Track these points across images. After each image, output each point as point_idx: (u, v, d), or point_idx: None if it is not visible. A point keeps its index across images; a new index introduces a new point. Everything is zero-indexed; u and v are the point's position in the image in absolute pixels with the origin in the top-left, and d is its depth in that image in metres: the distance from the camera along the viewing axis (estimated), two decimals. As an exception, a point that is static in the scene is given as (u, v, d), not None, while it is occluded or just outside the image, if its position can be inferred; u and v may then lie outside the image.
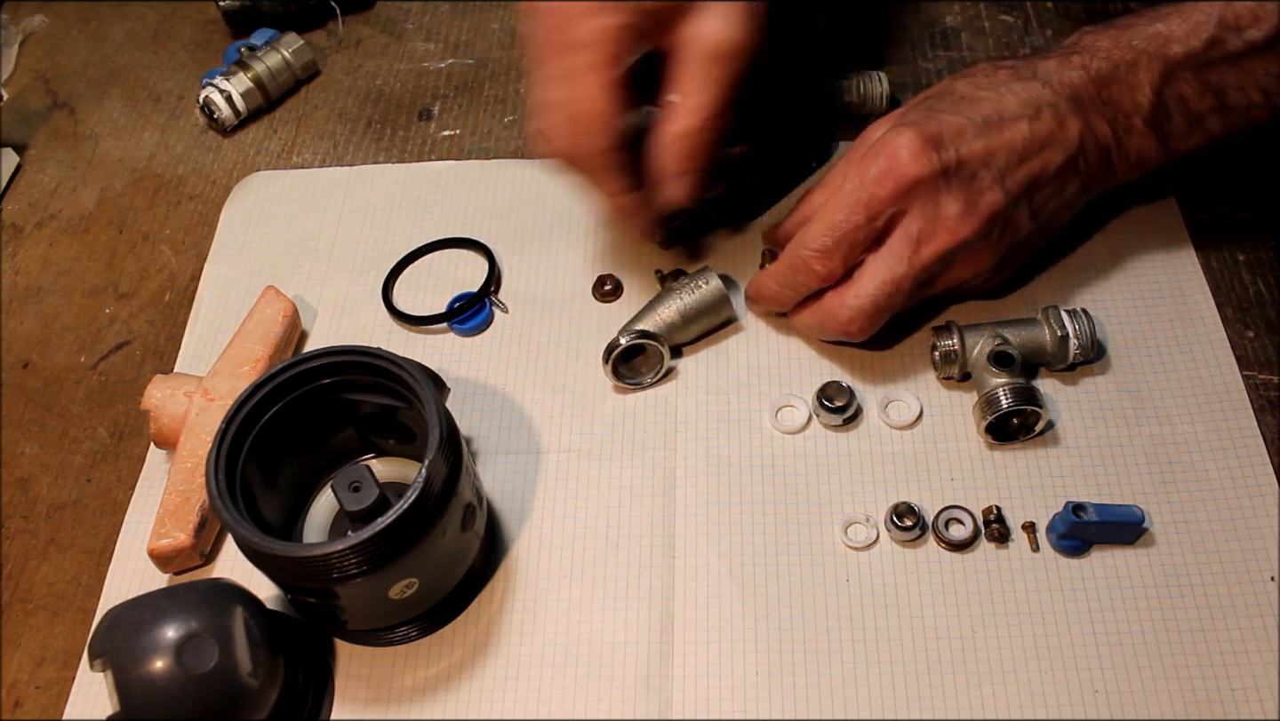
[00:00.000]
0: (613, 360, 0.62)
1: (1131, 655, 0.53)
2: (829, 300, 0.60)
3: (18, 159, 0.81)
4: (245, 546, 0.51)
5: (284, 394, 0.54)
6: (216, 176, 0.78)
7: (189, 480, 0.59)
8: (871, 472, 0.60)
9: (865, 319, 0.59)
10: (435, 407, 0.52)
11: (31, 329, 0.72)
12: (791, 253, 0.60)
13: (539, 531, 0.60)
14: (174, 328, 0.70)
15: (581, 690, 0.54)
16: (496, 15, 0.86)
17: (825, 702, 0.53)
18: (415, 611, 0.55)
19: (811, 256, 0.59)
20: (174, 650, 0.47)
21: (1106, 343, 0.63)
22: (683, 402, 0.63)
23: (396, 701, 0.55)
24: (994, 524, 0.57)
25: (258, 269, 0.72)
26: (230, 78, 0.79)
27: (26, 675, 0.58)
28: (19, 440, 0.66)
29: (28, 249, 0.76)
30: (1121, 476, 0.59)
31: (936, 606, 0.55)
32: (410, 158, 0.77)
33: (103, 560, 0.61)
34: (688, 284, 0.64)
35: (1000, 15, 0.81)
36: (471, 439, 0.63)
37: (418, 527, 0.50)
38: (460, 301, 0.68)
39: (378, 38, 0.86)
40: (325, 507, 0.59)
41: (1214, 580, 0.55)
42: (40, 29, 0.90)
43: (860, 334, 0.60)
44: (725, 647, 0.55)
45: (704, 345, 0.66)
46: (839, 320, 0.60)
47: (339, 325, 0.69)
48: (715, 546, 0.58)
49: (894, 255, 0.58)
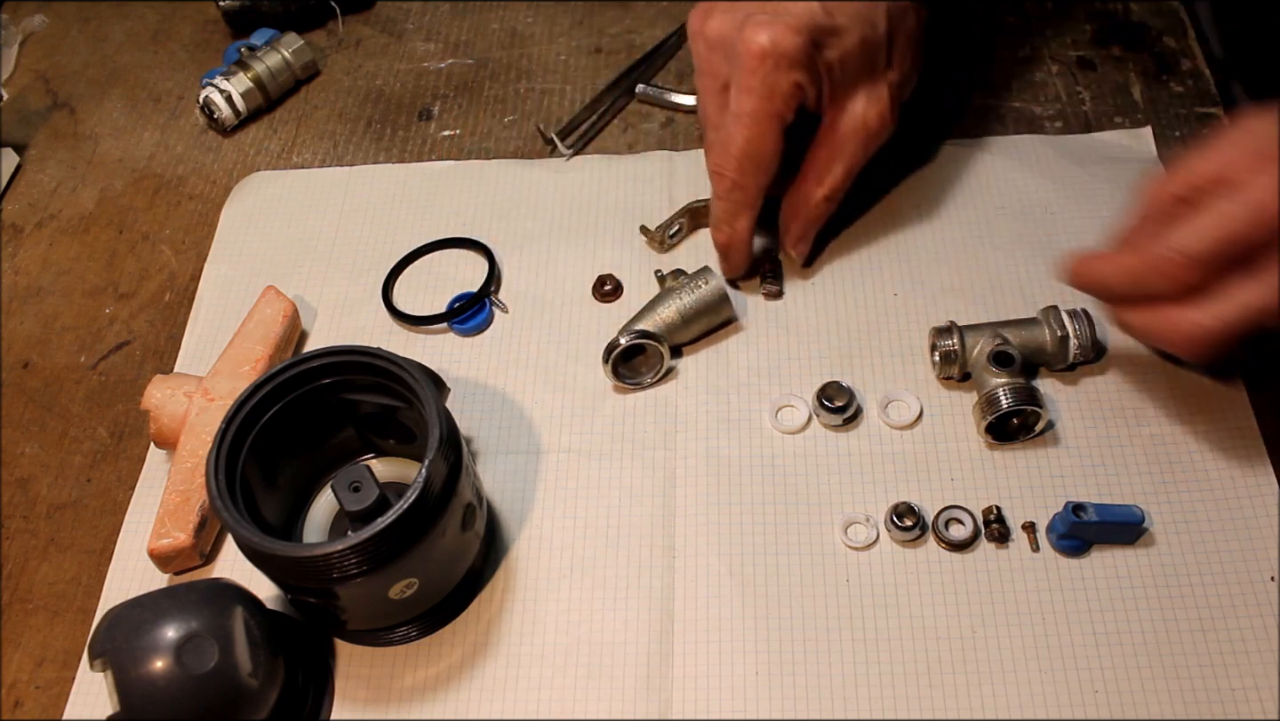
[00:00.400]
0: (613, 360, 0.62)
1: (1131, 655, 0.53)
2: (1176, 313, 0.52)
3: (18, 159, 0.81)
4: (245, 546, 0.51)
5: (284, 394, 0.54)
6: (216, 176, 0.78)
7: (189, 480, 0.59)
8: (871, 472, 0.60)
9: (1215, 341, 0.51)
10: (435, 407, 0.52)
11: (31, 329, 0.72)
12: (1154, 250, 0.51)
13: (539, 531, 0.60)
14: (174, 328, 0.70)
15: (581, 690, 0.54)
16: (496, 15, 0.86)
17: (825, 702, 0.53)
18: (415, 611, 0.55)
19: (1182, 263, 0.50)
20: (174, 650, 0.47)
21: (1106, 342, 0.63)
22: (683, 402, 0.63)
23: (396, 701, 0.55)
24: (994, 524, 0.57)
25: (258, 269, 0.72)
26: (230, 78, 0.79)
27: (26, 675, 0.58)
28: (19, 440, 0.66)
29: (28, 249, 0.76)
30: (1121, 476, 0.59)
31: (936, 606, 0.55)
32: (410, 158, 0.77)
33: (103, 560, 0.61)
34: (688, 284, 0.64)
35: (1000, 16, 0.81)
36: (471, 439, 0.63)
37: (418, 527, 0.50)
38: (460, 301, 0.68)
39: (378, 38, 0.86)
40: (325, 507, 0.59)
41: (1214, 580, 0.55)
42: (40, 29, 0.90)
43: (1203, 357, 0.53)
44: (725, 647, 0.55)
45: (704, 345, 0.66)
46: (1186, 337, 0.52)
47: (339, 325, 0.69)
48: (715, 546, 0.58)
49: (1268, 285, 0.49)
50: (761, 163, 0.61)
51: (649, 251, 0.70)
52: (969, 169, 0.72)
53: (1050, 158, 0.72)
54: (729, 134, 0.61)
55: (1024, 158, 0.72)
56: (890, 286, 0.67)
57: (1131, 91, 0.75)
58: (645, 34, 0.83)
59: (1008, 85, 0.76)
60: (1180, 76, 0.75)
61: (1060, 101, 0.75)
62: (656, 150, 0.76)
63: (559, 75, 0.81)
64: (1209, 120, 0.73)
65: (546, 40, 0.84)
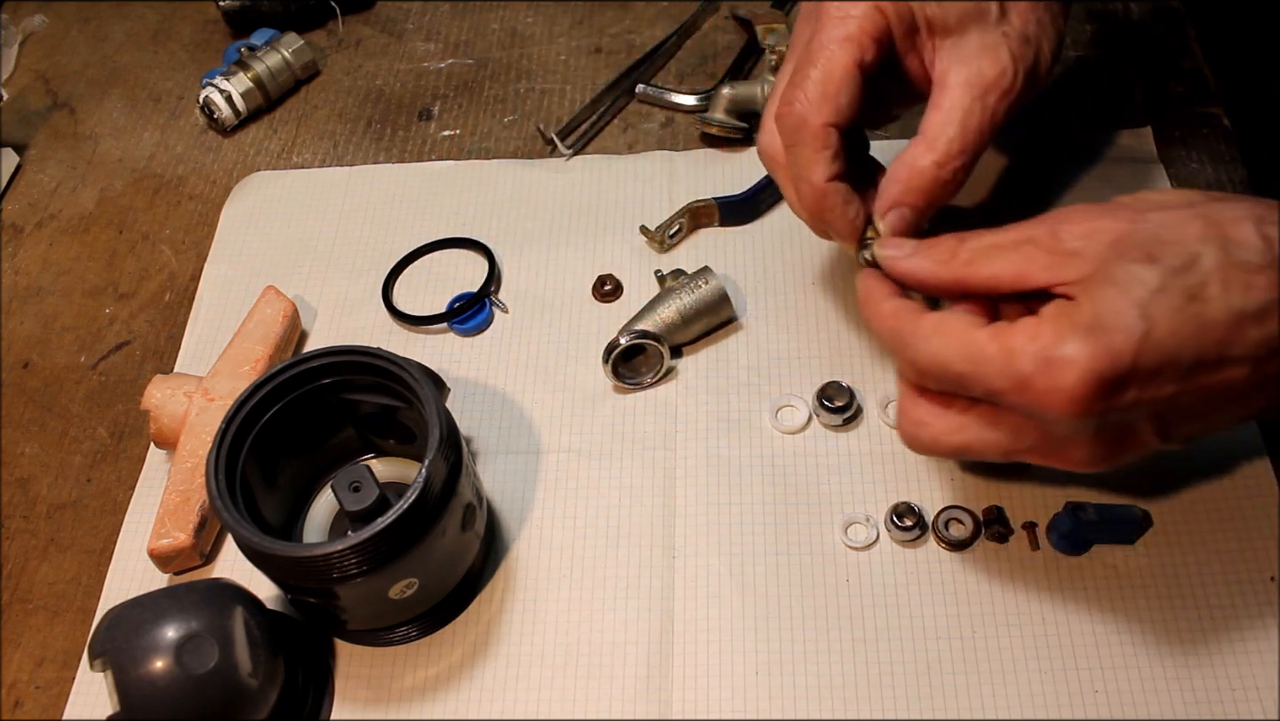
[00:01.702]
0: (613, 360, 0.62)
1: (1131, 655, 0.53)
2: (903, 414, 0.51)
3: (18, 159, 0.81)
4: (245, 546, 0.51)
5: (284, 394, 0.54)
6: (216, 176, 0.78)
7: (189, 480, 0.59)
8: (871, 472, 0.60)
9: (926, 451, 0.52)
10: (435, 407, 0.52)
11: (31, 329, 0.72)
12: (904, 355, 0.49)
13: (539, 531, 0.60)
14: (174, 328, 0.70)
15: (581, 690, 0.54)
16: (496, 15, 0.86)
17: (825, 702, 0.53)
18: (415, 611, 0.55)
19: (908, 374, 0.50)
20: (174, 650, 0.47)
21: (1106, 342, 0.63)
22: (683, 402, 0.63)
23: (396, 701, 0.55)
24: (994, 524, 0.57)
25: (258, 269, 0.72)
26: (230, 78, 0.79)
27: (26, 675, 0.58)
28: (19, 440, 0.66)
29: (28, 249, 0.76)
30: (1122, 476, 0.59)
31: (936, 606, 0.55)
32: (410, 158, 0.77)
33: (103, 560, 0.61)
34: (688, 284, 0.64)
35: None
36: (471, 439, 0.63)
37: (418, 527, 0.50)
38: (460, 301, 0.68)
39: (378, 38, 0.86)
40: (325, 507, 0.59)
41: (1214, 580, 0.55)
42: (40, 29, 0.90)
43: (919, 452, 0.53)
44: (725, 647, 0.55)
45: (704, 345, 0.66)
46: (904, 432, 0.51)
47: (339, 325, 0.69)
48: (715, 546, 0.58)
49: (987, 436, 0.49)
50: (829, 92, 0.52)
51: (649, 251, 0.70)
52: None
53: (1050, 158, 0.72)
54: (798, 68, 0.54)
55: (1024, 158, 0.72)
56: (890, 286, 0.67)
57: (1131, 92, 0.75)
58: (645, 34, 0.83)
59: (1008, 85, 0.76)
60: (1180, 76, 0.75)
61: (1060, 101, 0.75)
62: (656, 150, 0.76)
63: (559, 75, 0.81)
64: (1209, 120, 0.73)
65: (546, 40, 0.84)
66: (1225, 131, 0.72)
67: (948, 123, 0.53)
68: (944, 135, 0.53)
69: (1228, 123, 0.73)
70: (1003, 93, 0.53)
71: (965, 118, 0.53)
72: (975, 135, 0.53)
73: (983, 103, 0.53)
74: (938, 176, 0.53)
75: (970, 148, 0.53)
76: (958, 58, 0.53)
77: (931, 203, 0.54)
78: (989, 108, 0.53)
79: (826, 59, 0.53)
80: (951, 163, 0.53)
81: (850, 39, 0.53)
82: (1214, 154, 0.71)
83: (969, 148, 0.53)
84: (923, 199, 0.54)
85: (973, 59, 0.53)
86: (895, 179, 0.54)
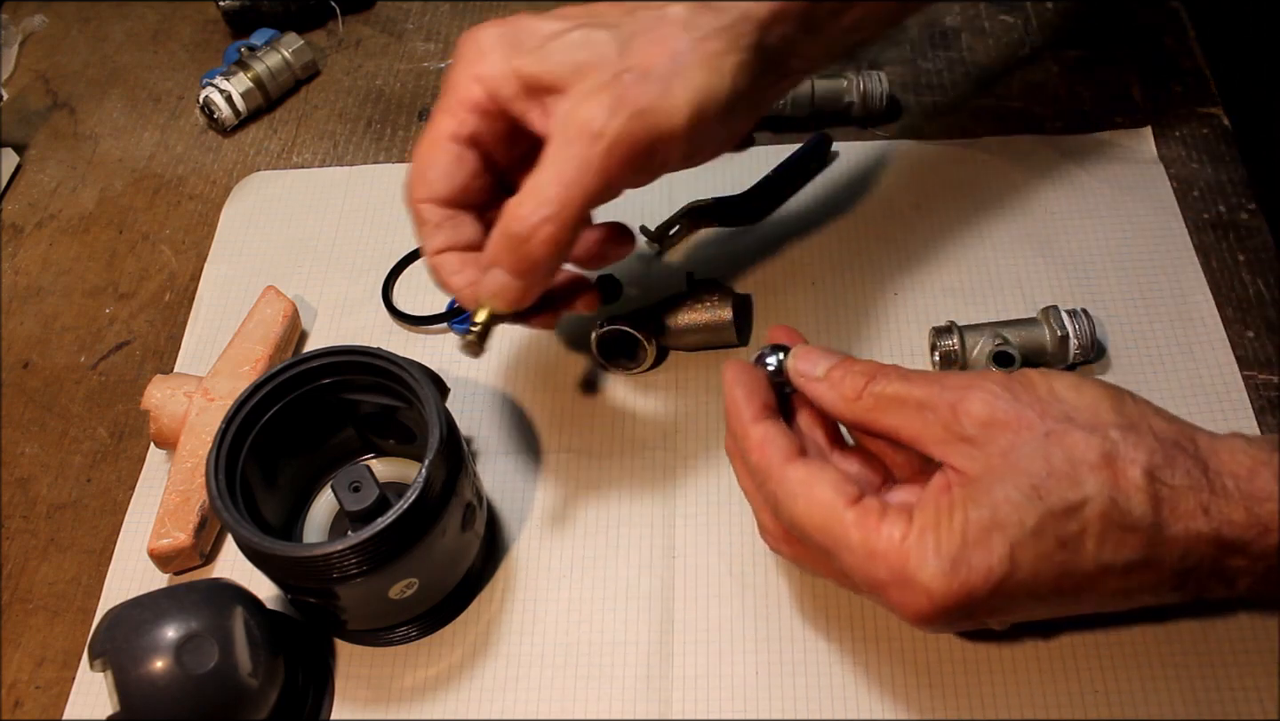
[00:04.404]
0: (598, 342, 0.62)
1: (1131, 655, 0.53)
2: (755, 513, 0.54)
3: (18, 159, 0.81)
4: (245, 546, 0.51)
5: (284, 394, 0.54)
6: (216, 176, 0.78)
7: (189, 480, 0.59)
8: (871, 472, 0.60)
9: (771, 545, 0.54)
10: (435, 407, 0.52)
11: (31, 329, 0.72)
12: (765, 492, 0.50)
13: (539, 531, 0.60)
14: (174, 328, 0.70)
15: (581, 690, 0.54)
16: (496, 15, 0.86)
17: (825, 702, 0.53)
18: (415, 611, 0.55)
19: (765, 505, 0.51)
20: (174, 650, 0.47)
21: (1106, 343, 0.63)
22: (683, 403, 0.63)
23: (396, 701, 0.55)
24: (994, 524, 0.57)
25: (258, 269, 0.72)
26: (230, 78, 0.79)
27: (26, 675, 0.58)
28: (19, 440, 0.66)
29: (28, 249, 0.76)
30: (1121, 476, 0.59)
31: (936, 606, 0.55)
32: (410, 158, 0.77)
33: (103, 560, 0.61)
34: (704, 299, 0.63)
35: (1000, 16, 0.81)
36: (471, 439, 0.63)
37: (418, 527, 0.50)
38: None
39: (378, 38, 0.86)
40: (325, 507, 0.59)
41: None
42: (40, 29, 0.90)
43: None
44: (725, 647, 0.55)
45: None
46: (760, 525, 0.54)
47: (339, 325, 0.69)
48: (715, 546, 0.58)
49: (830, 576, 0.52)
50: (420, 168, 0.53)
51: (649, 251, 0.70)
52: (969, 169, 0.72)
53: (1050, 158, 0.72)
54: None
55: (1024, 158, 0.72)
56: (890, 286, 0.67)
57: (1131, 92, 0.75)
58: (645, 34, 0.83)
59: (1008, 85, 0.76)
60: (1180, 76, 0.75)
61: (1060, 101, 0.75)
62: (656, 150, 0.75)
63: (559, 75, 0.81)
64: (1209, 120, 0.73)
65: (546, 40, 0.83)
66: (1225, 131, 0.72)
67: (538, 176, 0.49)
68: (534, 188, 0.49)
69: (1228, 123, 0.73)
70: (601, 139, 0.48)
71: (560, 170, 0.48)
72: (571, 188, 0.48)
73: (578, 153, 0.48)
74: (526, 233, 0.49)
75: (566, 199, 0.48)
76: (563, 110, 0.49)
77: (530, 263, 0.49)
78: (587, 158, 0.48)
79: (427, 134, 0.53)
80: (538, 215, 0.48)
81: (447, 110, 0.52)
82: (1214, 154, 0.71)
83: (563, 200, 0.48)
84: (513, 259, 0.49)
85: (577, 108, 0.49)
86: (490, 238, 0.51)
